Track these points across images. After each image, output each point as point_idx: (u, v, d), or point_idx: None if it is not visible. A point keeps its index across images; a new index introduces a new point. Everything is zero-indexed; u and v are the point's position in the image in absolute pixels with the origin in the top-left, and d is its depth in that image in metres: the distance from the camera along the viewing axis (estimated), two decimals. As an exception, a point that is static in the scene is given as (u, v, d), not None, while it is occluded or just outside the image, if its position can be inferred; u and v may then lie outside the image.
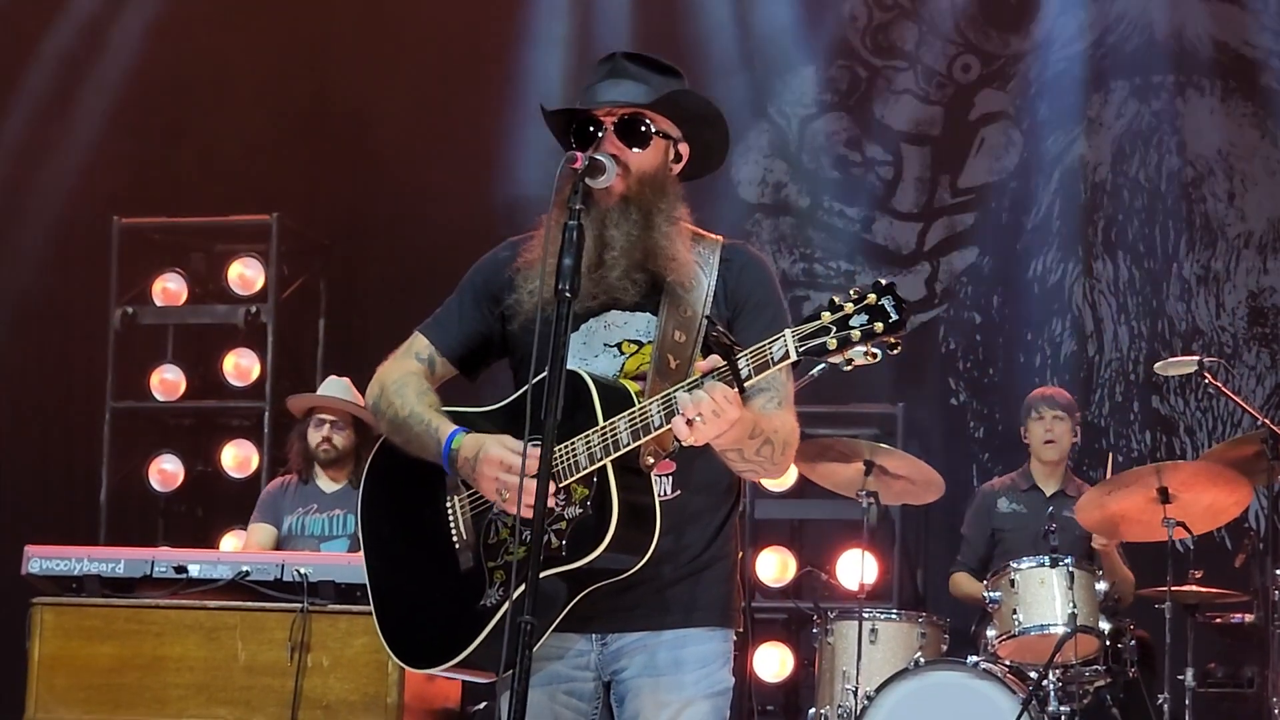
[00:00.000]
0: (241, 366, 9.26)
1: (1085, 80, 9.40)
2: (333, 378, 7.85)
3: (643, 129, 3.73)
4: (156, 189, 9.61)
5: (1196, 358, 7.36)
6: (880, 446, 7.51)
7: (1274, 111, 9.15)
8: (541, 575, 3.43)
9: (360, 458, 7.49)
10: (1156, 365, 7.76)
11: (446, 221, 9.33)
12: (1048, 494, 7.73)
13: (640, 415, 3.47)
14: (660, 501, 3.55)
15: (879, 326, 3.29)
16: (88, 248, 9.50)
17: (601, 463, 3.49)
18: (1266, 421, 7.07)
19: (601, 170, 3.63)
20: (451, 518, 3.72)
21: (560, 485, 3.52)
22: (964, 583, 7.70)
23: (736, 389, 3.37)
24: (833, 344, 3.30)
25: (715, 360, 3.39)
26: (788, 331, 3.34)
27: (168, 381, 9.28)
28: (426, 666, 3.76)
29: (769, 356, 3.35)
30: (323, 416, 7.60)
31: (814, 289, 9.54)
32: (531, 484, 3.38)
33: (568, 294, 3.45)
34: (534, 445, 3.43)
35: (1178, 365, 7.53)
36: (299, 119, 9.72)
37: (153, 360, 9.30)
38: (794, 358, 3.34)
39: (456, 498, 3.72)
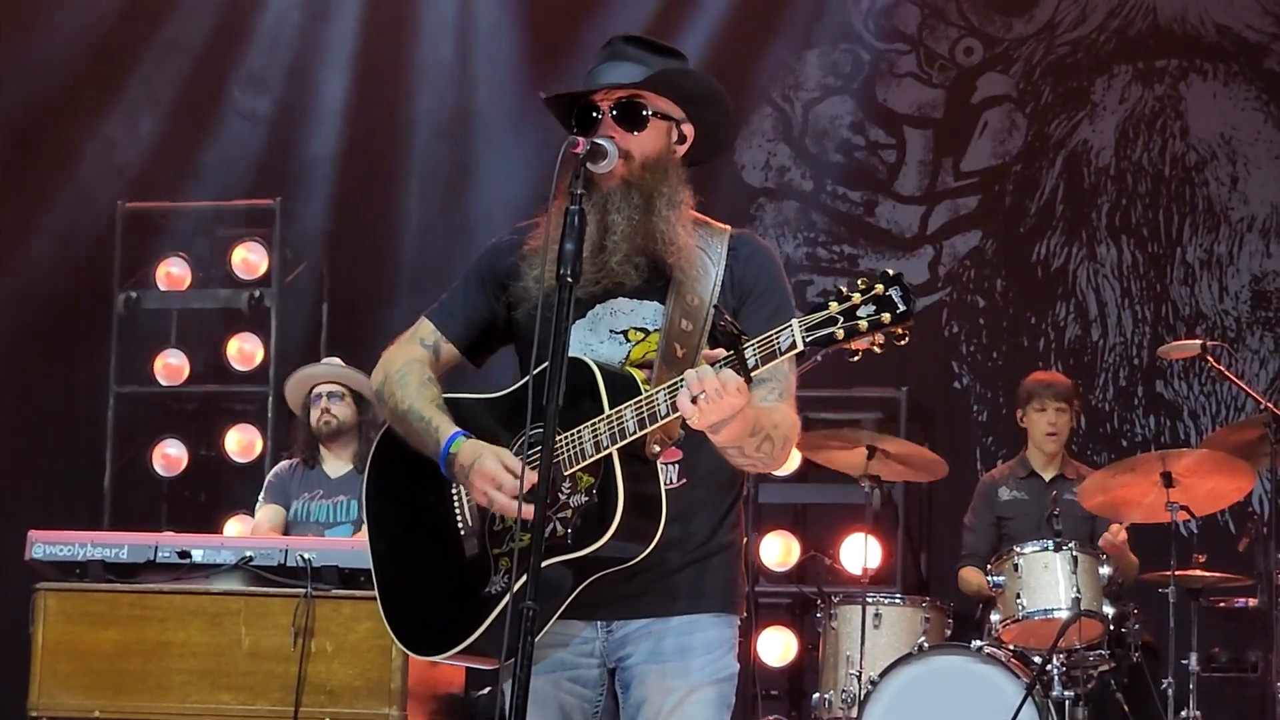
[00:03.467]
0: (245, 351, 9.24)
1: (1088, 64, 9.39)
2: (325, 359, 7.86)
3: (641, 112, 3.71)
4: (160, 173, 9.59)
5: (1199, 341, 7.36)
6: (882, 436, 7.52)
7: (1277, 95, 9.14)
8: (546, 563, 3.43)
9: (363, 437, 7.48)
10: (1160, 349, 7.76)
11: (451, 208, 9.31)
12: (1046, 479, 7.73)
13: (647, 403, 3.45)
14: (666, 490, 3.54)
15: (886, 317, 3.27)
16: (92, 232, 9.48)
17: (607, 451, 3.48)
18: (1269, 405, 7.06)
19: (603, 155, 3.61)
20: (456, 504, 3.72)
21: (565, 474, 3.51)
22: (973, 578, 7.53)
23: (743, 379, 3.35)
24: (840, 334, 3.28)
25: (722, 351, 3.37)
26: (794, 321, 3.32)
27: (171, 366, 9.27)
28: (431, 653, 3.75)
29: (776, 346, 3.33)
30: (318, 391, 7.57)
31: (817, 273, 9.53)
32: (525, 505, 3.39)
33: (569, 279, 3.43)
34: (531, 469, 3.43)
35: (1181, 349, 7.53)
36: (304, 103, 9.69)
37: (156, 345, 9.29)
38: (800, 348, 3.32)
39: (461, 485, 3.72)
